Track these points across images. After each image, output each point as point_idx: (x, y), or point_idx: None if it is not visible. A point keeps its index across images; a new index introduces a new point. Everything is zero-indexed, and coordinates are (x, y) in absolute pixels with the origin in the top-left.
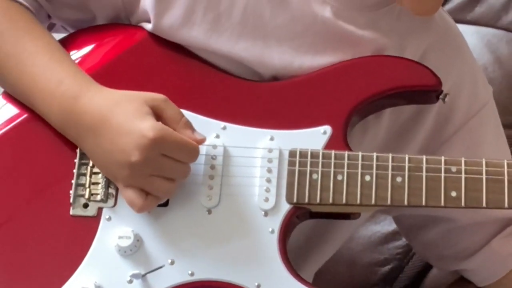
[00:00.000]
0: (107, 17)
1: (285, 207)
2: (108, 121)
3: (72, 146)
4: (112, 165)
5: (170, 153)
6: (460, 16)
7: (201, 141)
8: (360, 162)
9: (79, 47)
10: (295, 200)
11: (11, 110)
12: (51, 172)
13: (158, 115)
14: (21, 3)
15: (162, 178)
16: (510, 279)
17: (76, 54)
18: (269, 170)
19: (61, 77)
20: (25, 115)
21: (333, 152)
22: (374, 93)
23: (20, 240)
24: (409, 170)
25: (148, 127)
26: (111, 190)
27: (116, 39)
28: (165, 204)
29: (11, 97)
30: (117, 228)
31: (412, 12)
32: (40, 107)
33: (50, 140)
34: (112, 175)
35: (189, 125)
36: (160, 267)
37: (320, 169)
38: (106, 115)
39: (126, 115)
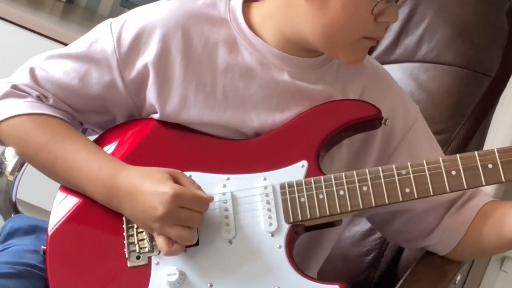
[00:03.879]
0: (124, 115)
1: (286, 227)
2: (139, 189)
3: (119, 215)
4: (147, 221)
5: (187, 205)
6: (385, 59)
7: (210, 199)
8: (333, 181)
9: (109, 142)
10: (291, 220)
11: (70, 199)
12: (107, 238)
13: (176, 182)
14: (58, 117)
15: (183, 227)
16: (462, 245)
17: (108, 147)
18: (268, 202)
19: (100, 164)
20: (81, 200)
21: (312, 179)
22: (333, 130)
23: None
24: (371, 180)
25: (168, 187)
26: (155, 242)
27: (134, 131)
28: (197, 243)
29: (67, 189)
30: (165, 269)
31: (346, 62)
32: (88, 189)
33: (102, 214)
34: (149, 229)
35: (200, 188)
36: None
37: (305, 193)
38: (137, 185)
39: (152, 183)
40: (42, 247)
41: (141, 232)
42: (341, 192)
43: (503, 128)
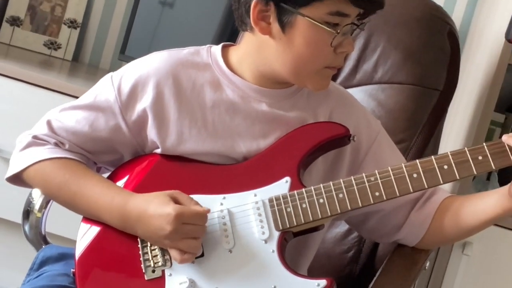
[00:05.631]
0: (130, 153)
1: (276, 234)
2: (146, 213)
3: (134, 236)
4: (158, 239)
5: (189, 220)
6: (348, 83)
7: (207, 211)
8: (314, 192)
9: (121, 177)
10: (281, 228)
11: (92, 228)
12: (126, 257)
13: (176, 202)
14: (75, 159)
15: (190, 239)
16: (428, 236)
17: (121, 181)
18: (259, 214)
19: (112, 196)
20: (100, 228)
21: (295, 191)
22: (310, 148)
23: None
24: (345, 188)
25: (171, 208)
26: (167, 256)
27: (141, 165)
28: (202, 255)
29: (89, 219)
30: (177, 279)
31: (313, 90)
32: (104, 218)
33: (119, 238)
34: (162, 245)
35: (198, 203)
36: None
37: (290, 204)
38: (145, 209)
39: (156, 206)
40: (72, 270)
41: (154, 249)
42: (321, 200)
43: (453, 133)
